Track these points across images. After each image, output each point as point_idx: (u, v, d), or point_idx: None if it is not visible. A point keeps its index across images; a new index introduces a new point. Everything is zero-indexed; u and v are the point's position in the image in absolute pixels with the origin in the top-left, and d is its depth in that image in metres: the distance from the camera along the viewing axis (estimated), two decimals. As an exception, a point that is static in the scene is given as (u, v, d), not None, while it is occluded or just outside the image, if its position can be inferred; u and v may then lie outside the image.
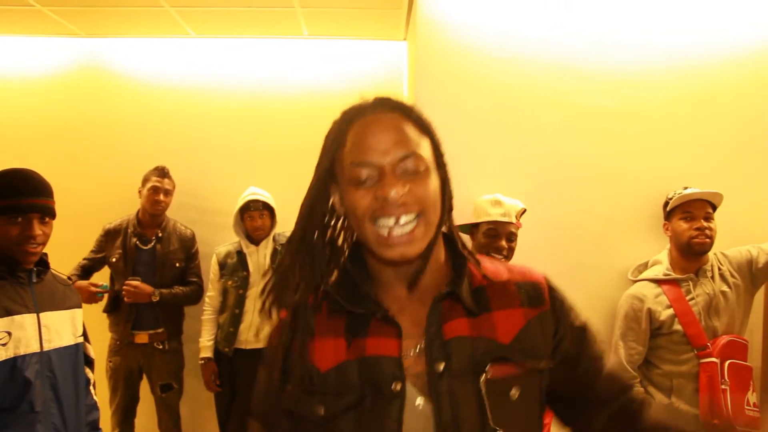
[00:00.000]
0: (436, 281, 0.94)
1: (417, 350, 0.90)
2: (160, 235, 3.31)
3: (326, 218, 0.96)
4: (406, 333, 0.90)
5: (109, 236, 3.33)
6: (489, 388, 0.87)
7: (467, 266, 0.96)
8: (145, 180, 3.30)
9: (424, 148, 0.90)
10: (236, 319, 3.14)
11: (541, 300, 0.96)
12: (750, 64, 2.70)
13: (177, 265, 3.31)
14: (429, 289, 0.94)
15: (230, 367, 3.19)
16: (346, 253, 0.99)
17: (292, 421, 0.94)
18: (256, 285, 3.15)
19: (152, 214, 3.29)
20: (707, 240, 2.33)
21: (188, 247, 3.38)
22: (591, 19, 2.69)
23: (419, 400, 0.88)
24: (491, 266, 1.00)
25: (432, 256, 0.92)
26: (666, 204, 2.46)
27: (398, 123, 0.90)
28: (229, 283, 3.19)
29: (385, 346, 0.90)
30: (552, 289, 0.99)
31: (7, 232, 1.76)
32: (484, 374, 0.88)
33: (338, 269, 0.98)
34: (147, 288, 3.16)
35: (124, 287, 3.14)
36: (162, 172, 3.30)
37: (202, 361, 3.21)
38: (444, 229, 0.96)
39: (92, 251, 3.37)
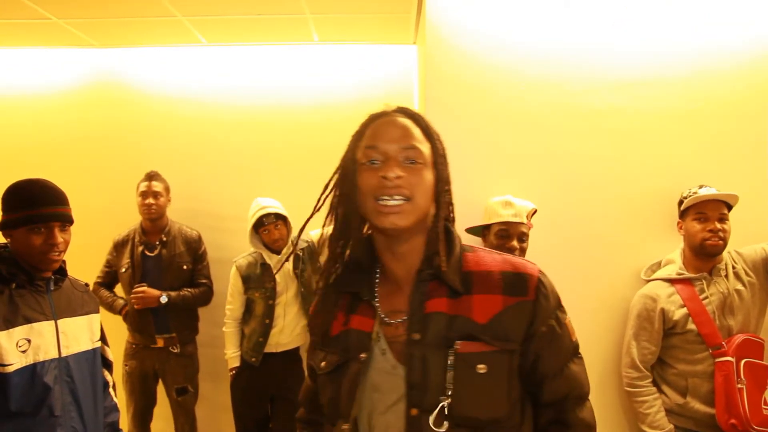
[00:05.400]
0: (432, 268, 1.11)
1: (402, 321, 1.09)
2: (164, 239, 3.33)
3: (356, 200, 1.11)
4: (397, 307, 1.11)
5: (117, 249, 3.37)
6: (457, 361, 1.02)
7: (458, 255, 1.12)
8: (137, 188, 3.34)
9: (425, 147, 1.10)
10: (267, 329, 3.12)
11: (524, 290, 1.08)
12: (765, 61, 2.67)
13: (184, 267, 3.33)
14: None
15: (253, 376, 3.16)
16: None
17: (313, 373, 1.22)
18: (285, 292, 3.15)
19: (149, 219, 3.31)
20: (720, 242, 2.31)
21: (195, 249, 3.39)
22: (600, 19, 2.68)
23: (395, 363, 1.07)
24: (487, 256, 1.14)
25: (421, 238, 1.11)
26: (681, 202, 2.45)
27: (408, 125, 1.11)
28: (257, 294, 3.15)
29: (364, 323, 1.12)
30: (541, 285, 1.10)
31: (29, 242, 1.79)
32: (453, 347, 1.03)
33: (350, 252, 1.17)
34: (154, 292, 3.19)
35: (132, 295, 3.18)
36: (149, 176, 3.33)
37: (233, 371, 3.18)
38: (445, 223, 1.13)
39: (104, 267, 3.42)
